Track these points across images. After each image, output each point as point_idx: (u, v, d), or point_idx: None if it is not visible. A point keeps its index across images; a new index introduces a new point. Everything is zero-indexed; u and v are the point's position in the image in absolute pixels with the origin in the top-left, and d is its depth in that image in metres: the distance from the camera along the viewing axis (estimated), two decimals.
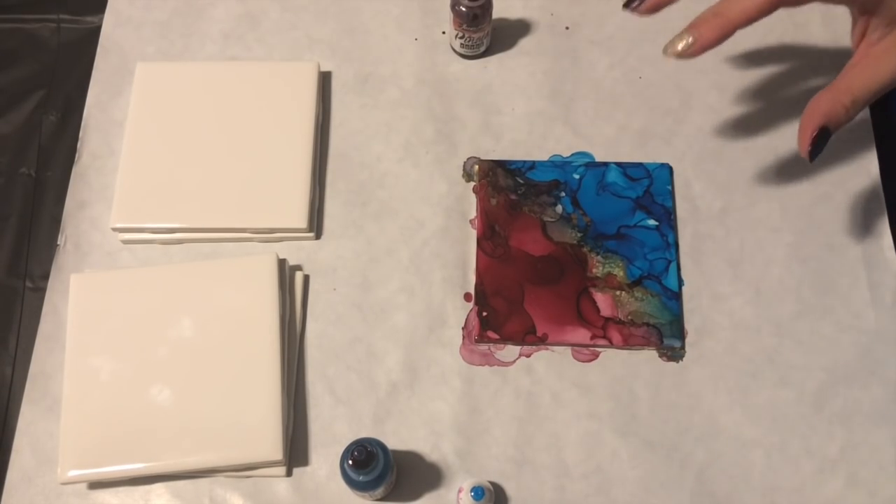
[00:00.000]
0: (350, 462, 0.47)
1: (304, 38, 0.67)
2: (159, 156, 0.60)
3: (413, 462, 0.53)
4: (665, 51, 0.46)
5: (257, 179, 0.59)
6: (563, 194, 0.60)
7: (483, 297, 0.57)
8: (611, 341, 0.55)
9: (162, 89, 0.62)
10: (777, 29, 0.65)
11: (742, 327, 0.56)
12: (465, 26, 0.62)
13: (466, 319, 0.57)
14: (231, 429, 0.52)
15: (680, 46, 0.46)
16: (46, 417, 0.54)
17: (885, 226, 0.59)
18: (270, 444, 0.51)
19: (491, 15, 0.62)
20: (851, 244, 0.58)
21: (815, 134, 0.47)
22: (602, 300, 0.56)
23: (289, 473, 0.53)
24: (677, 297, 0.57)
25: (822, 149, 0.48)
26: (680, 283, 0.57)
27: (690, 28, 0.46)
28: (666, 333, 0.55)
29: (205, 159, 0.60)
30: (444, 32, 0.67)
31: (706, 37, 0.45)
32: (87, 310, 0.55)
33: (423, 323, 0.57)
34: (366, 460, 0.47)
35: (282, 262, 0.57)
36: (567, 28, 0.66)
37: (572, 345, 0.56)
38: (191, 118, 0.62)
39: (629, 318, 0.56)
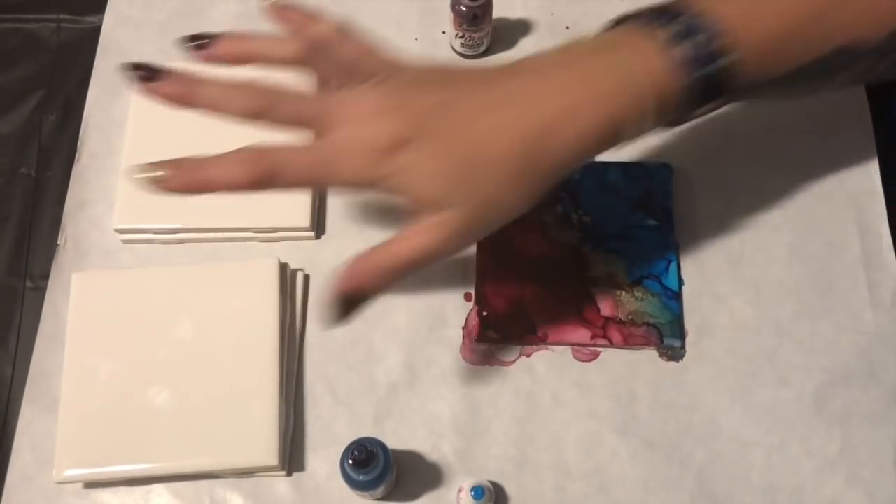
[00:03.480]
0: (350, 462, 0.47)
1: None
2: (160, 156, 0.60)
3: (413, 462, 0.53)
4: (134, 175, 0.42)
5: None
6: (562, 194, 0.60)
7: (483, 297, 0.57)
8: (611, 341, 0.55)
9: None
10: None
11: (742, 327, 0.56)
12: (465, 26, 0.62)
13: (466, 319, 0.57)
14: (228, 433, 0.52)
15: (147, 177, 0.42)
16: (46, 417, 0.54)
17: (884, 226, 0.59)
18: (266, 449, 0.51)
19: (491, 15, 0.62)
20: (851, 244, 0.58)
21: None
22: (602, 300, 0.56)
23: (289, 474, 0.53)
24: (677, 296, 0.57)
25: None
26: (680, 283, 0.57)
27: (169, 165, 0.42)
28: (666, 333, 0.55)
29: None
30: (444, 32, 0.67)
31: (174, 185, 0.42)
32: (88, 309, 0.55)
33: (423, 323, 0.57)
34: (366, 460, 0.47)
35: (283, 266, 0.57)
36: (567, 28, 0.66)
37: (572, 345, 0.56)
38: (191, 118, 0.61)
39: (629, 317, 0.56)
